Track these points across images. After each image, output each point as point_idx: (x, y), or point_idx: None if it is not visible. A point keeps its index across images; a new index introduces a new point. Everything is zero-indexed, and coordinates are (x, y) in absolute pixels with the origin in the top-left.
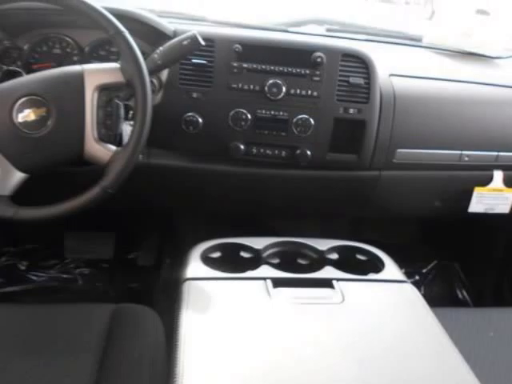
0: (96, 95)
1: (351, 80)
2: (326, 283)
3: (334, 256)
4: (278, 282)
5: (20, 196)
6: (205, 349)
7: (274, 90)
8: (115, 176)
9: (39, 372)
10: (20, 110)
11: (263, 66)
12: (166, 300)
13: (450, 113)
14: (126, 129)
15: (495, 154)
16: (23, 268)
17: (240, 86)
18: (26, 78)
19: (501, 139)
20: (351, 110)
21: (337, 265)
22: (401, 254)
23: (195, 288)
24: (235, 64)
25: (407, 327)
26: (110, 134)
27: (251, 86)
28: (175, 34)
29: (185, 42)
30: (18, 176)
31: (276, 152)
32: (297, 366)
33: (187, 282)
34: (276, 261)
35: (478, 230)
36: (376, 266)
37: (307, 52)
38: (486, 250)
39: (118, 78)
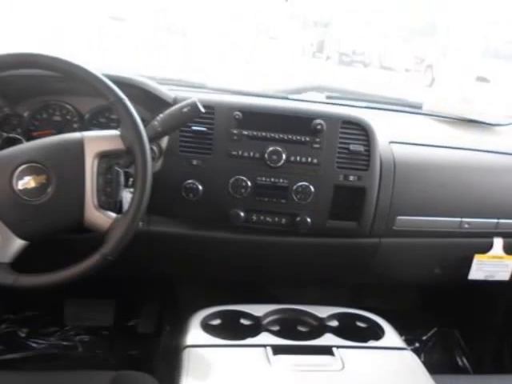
0: (96, 162)
1: (351, 147)
2: (326, 350)
3: (334, 323)
4: (278, 350)
5: (20, 263)
6: None
7: (274, 157)
8: (115, 243)
9: None
10: (20, 177)
11: (263, 133)
12: (166, 367)
13: (450, 180)
14: (126, 196)
15: (495, 221)
16: (23, 335)
17: (240, 153)
18: (26, 146)
19: (501, 206)
20: (351, 178)
21: (337, 332)
22: (401, 321)
23: (195, 355)
24: (235, 131)
25: None
26: (110, 201)
27: (251, 154)
28: (175, 101)
29: (185, 109)
30: (17, 243)
31: (276, 219)
32: None
33: (187, 350)
34: (276, 328)
35: (477, 296)
36: (376, 333)
37: (307, 119)
38: (486, 317)
39: (118, 145)
